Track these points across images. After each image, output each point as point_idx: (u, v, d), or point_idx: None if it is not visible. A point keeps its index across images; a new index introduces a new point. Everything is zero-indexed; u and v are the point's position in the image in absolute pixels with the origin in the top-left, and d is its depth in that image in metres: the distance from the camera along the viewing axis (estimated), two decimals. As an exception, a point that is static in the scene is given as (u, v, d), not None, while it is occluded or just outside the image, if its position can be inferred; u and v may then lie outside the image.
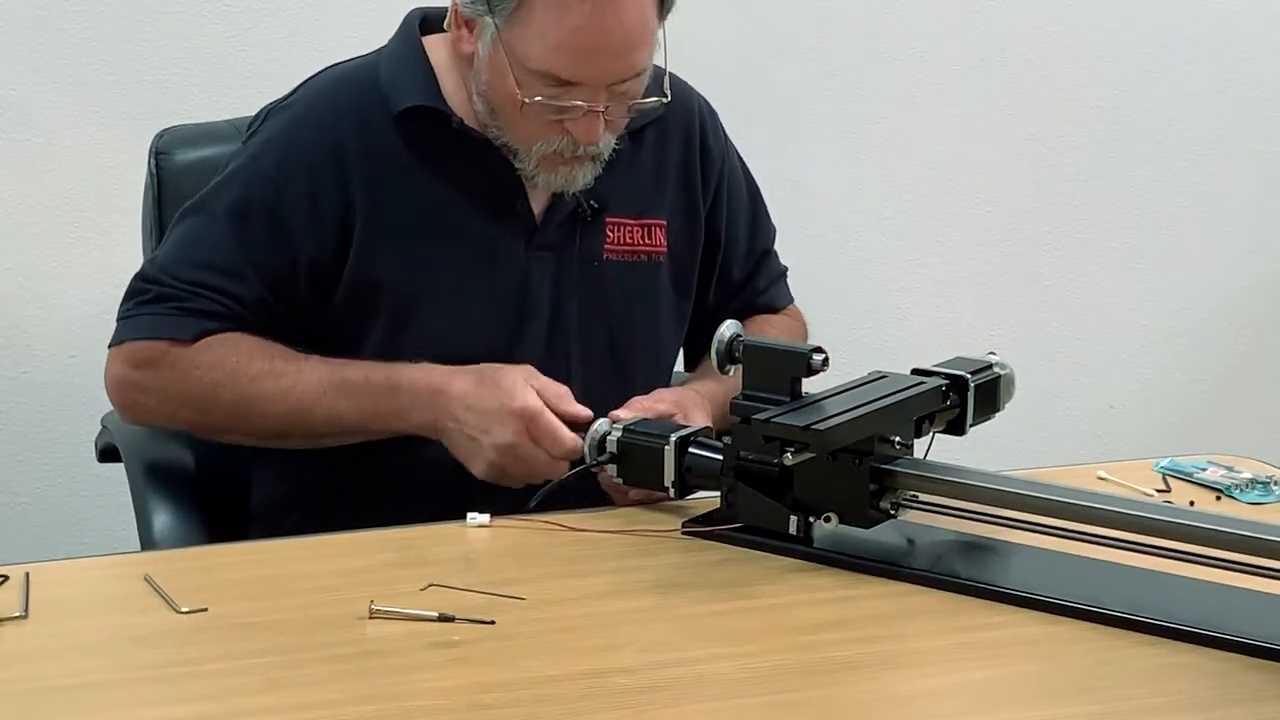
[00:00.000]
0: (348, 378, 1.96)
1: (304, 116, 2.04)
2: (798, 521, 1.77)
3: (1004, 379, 1.92)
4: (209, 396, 1.97)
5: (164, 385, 1.99)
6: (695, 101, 2.18)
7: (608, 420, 1.88)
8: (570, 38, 1.90)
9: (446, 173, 2.02)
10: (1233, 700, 1.49)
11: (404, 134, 2.01)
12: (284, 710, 1.46)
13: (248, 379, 1.97)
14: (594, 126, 1.95)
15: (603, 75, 1.93)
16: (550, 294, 2.06)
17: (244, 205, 2.01)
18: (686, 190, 2.15)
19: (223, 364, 1.97)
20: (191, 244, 2.02)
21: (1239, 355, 3.54)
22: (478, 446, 1.90)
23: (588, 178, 2.01)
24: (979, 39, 3.28)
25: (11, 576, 1.70)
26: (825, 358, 1.80)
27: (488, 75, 1.97)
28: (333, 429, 1.98)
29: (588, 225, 2.07)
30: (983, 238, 3.35)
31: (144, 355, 2.00)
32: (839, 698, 1.51)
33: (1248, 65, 3.41)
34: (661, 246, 2.12)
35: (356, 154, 2.00)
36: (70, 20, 2.80)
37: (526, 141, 1.98)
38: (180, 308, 1.99)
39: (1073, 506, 1.70)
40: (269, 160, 2.02)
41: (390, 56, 2.07)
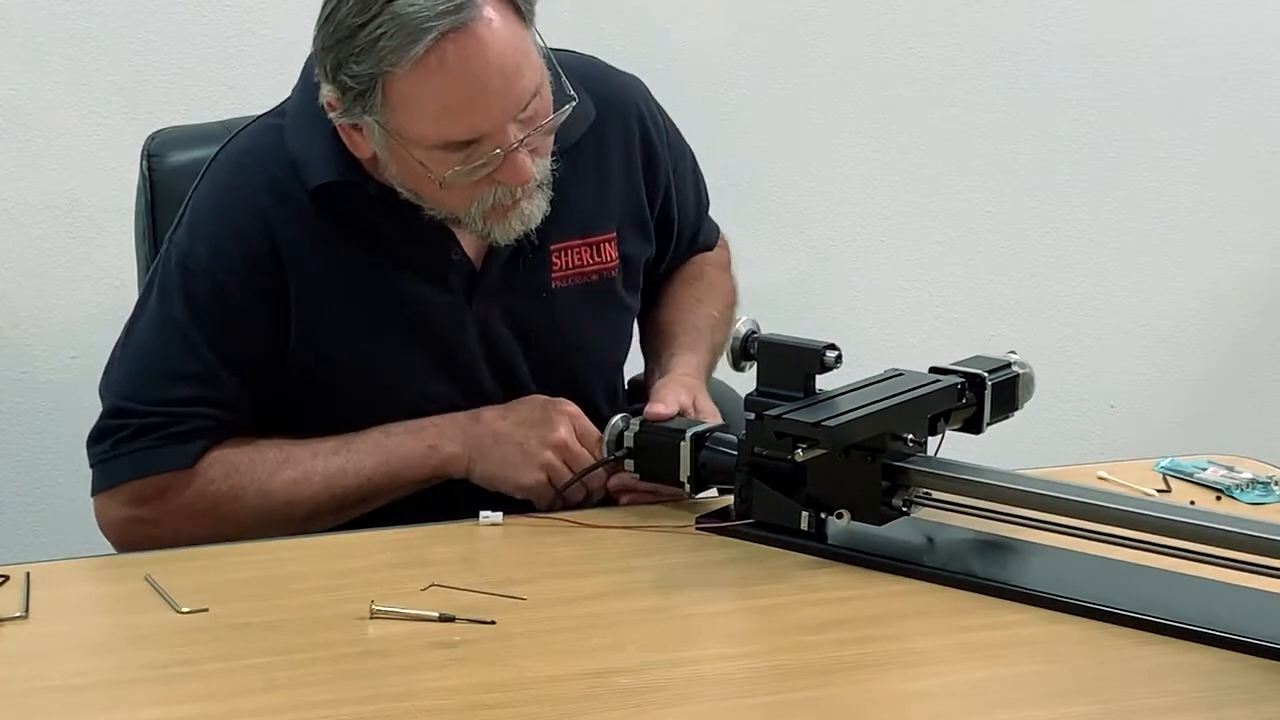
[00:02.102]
0: (366, 436, 1.93)
1: (223, 203, 1.95)
2: (810, 518, 1.78)
3: (1023, 378, 1.92)
4: (232, 505, 1.91)
5: (177, 511, 1.91)
6: (631, 95, 2.10)
7: (624, 416, 1.89)
8: (447, 99, 1.81)
9: (372, 237, 1.94)
10: (1234, 700, 1.49)
11: (322, 205, 1.92)
12: (284, 710, 1.46)
13: (266, 474, 1.91)
14: (521, 165, 1.85)
15: (499, 116, 1.83)
16: (500, 337, 2.00)
17: (192, 304, 1.92)
18: (632, 193, 2.08)
19: (237, 470, 1.91)
20: (151, 360, 1.94)
21: (1239, 355, 3.53)
22: (525, 451, 1.89)
23: (543, 206, 1.92)
24: (979, 39, 3.27)
25: (11, 576, 1.70)
26: (839, 354, 1.80)
27: (396, 168, 1.88)
28: (362, 492, 1.92)
29: (530, 260, 1.99)
30: (983, 238, 3.35)
31: (146, 492, 1.92)
32: (839, 698, 1.51)
33: (1248, 65, 3.41)
34: (612, 260, 2.05)
35: (281, 229, 1.92)
36: (70, 20, 2.80)
37: (463, 208, 1.89)
38: (168, 434, 1.91)
39: (1082, 505, 1.70)
40: (202, 253, 1.93)
41: (293, 121, 1.96)
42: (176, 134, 2.26)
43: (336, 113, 1.88)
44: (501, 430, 1.91)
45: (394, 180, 1.91)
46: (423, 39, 1.78)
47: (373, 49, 1.80)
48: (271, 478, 1.91)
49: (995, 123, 3.31)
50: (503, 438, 1.90)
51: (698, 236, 2.22)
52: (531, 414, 1.92)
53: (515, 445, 1.90)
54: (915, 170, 3.29)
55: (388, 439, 1.93)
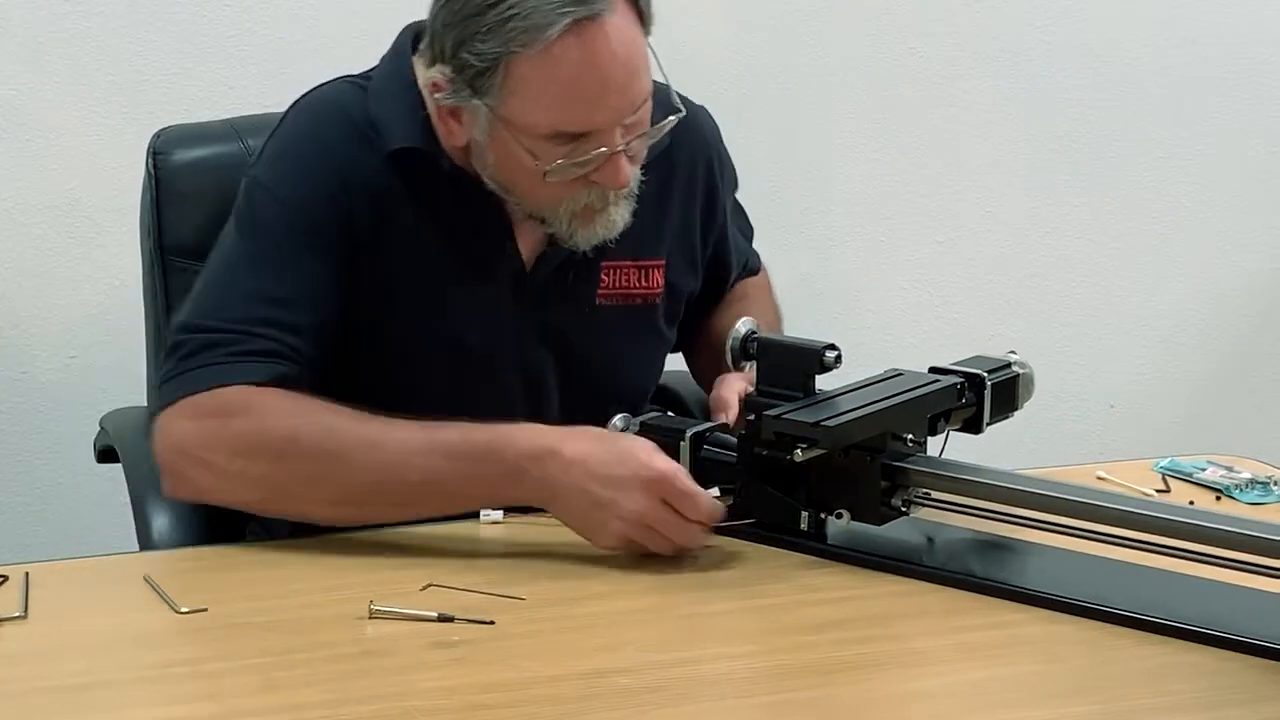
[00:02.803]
0: (445, 437, 1.78)
1: (310, 136, 1.94)
2: (810, 517, 1.78)
3: (1023, 378, 1.92)
4: (287, 444, 1.78)
5: (234, 435, 1.79)
6: (704, 132, 2.10)
7: (624, 417, 1.89)
8: (571, 89, 1.81)
9: (436, 214, 1.93)
10: (1234, 700, 1.49)
11: (397, 171, 1.91)
12: (284, 710, 1.46)
13: (328, 426, 1.78)
14: (623, 168, 1.86)
15: (614, 114, 1.83)
16: (536, 343, 1.99)
17: (270, 233, 1.90)
18: (687, 225, 2.08)
19: (301, 410, 1.80)
20: (226, 283, 1.89)
21: (1239, 355, 3.53)
22: (605, 516, 1.74)
23: (626, 217, 1.92)
24: (979, 39, 3.27)
25: (11, 576, 1.70)
26: (838, 354, 1.80)
27: (494, 157, 1.87)
28: (426, 492, 1.78)
29: (579, 272, 1.98)
30: (983, 238, 3.35)
31: (210, 406, 1.80)
32: (839, 698, 1.51)
33: (1248, 65, 3.41)
34: (658, 288, 2.04)
35: (360, 180, 1.91)
36: (70, 20, 2.80)
37: (553, 205, 1.88)
38: (239, 351, 1.83)
39: (1082, 505, 1.70)
40: (283, 186, 1.91)
41: (380, 86, 1.96)
42: (181, 132, 2.26)
43: (443, 94, 1.86)
44: (581, 481, 1.75)
45: (486, 169, 1.90)
46: (557, 23, 1.78)
47: (501, 28, 1.79)
48: (334, 434, 1.78)
49: (995, 123, 3.31)
50: (582, 493, 1.75)
51: (747, 264, 2.23)
52: (618, 472, 1.75)
53: (593, 504, 1.74)
54: (915, 170, 3.29)
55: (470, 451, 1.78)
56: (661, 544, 1.75)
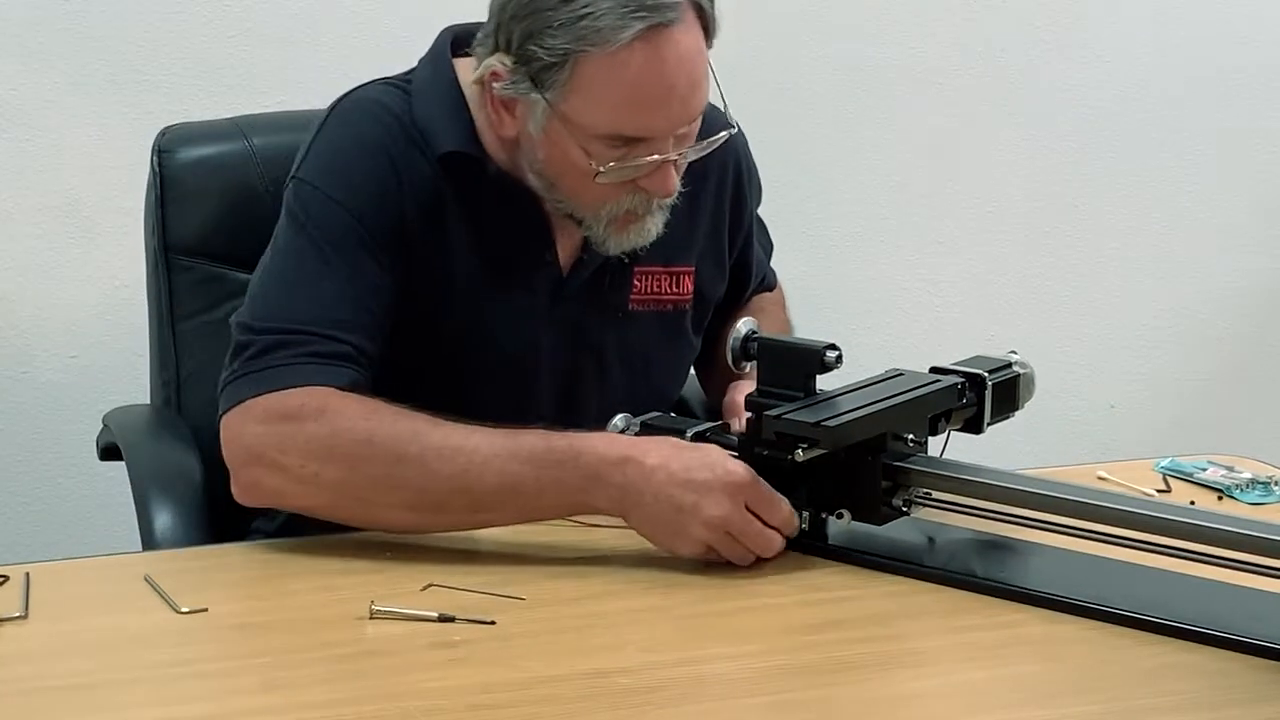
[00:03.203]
0: (526, 442, 1.75)
1: (358, 135, 1.93)
2: (810, 517, 1.78)
3: (1023, 378, 1.92)
4: (363, 447, 1.75)
5: (307, 439, 1.76)
6: (737, 151, 2.10)
7: (624, 417, 1.89)
8: (635, 92, 1.81)
9: (480, 219, 1.93)
10: (1234, 700, 1.49)
11: (445, 174, 1.92)
12: (284, 710, 1.46)
13: (410, 431, 1.76)
14: (670, 178, 1.86)
15: (673, 122, 1.84)
16: (569, 347, 1.99)
17: (326, 234, 1.88)
18: (717, 233, 2.09)
19: (376, 414, 1.77)
20: (286, 284, 1.88)
21: (1239, 355, 3.54)
22: (686, 521, 1.72)
23: (659, 227, 1.92)
24: (980, 39, 3.28)
25: (11, 576, 1.70)
26: (839, 354, 1.80)
27: (545, 153, 1.87)
28: (504, 497, 1.75)
29: (614, 277, 2.00)
30: (983, 238, 3.35)
31: (281, 409, 1.78)
32: (839, 698, 1.51)
33: (1248, 65, 3.41)
34: (688, 294, 2.06)
35: (409, 185, 1.91)
36: (70, 20, 2.80)
37: (595, 208, 1.89)
38: (309, 352, 1.81)
39: (1082, 505, 1.70)
40: (334, 186, 1.90)
41: (423, 89, 1.95)
42: (186, 130, 2.26)
43: (502, 84, 1.86)
44: (662, 488, 1.72)
45: (533, 165, 1.90)
46: (630, 27, 1.78)
47: (574, 25, 1.79)
48: (414, 437, 1.75)
49: (995, 122, 3.31)
50: (664, 499, 1.72)
51: (764, 279, 2.24)
52: (700, 476, 1.73)
53: (675, 510, 1.72)
54: (915, 170, 3.29)
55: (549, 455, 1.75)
56: (740, 552, 1.74)
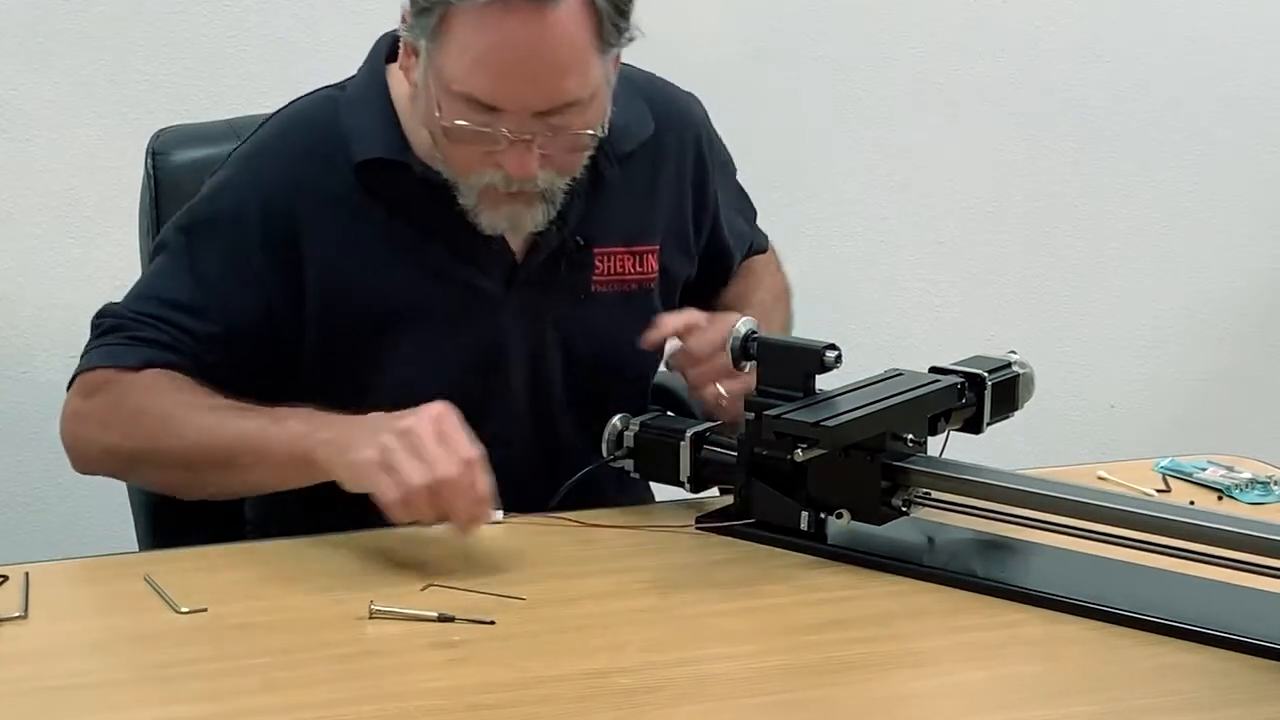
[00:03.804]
0: (263, 407, 1.85)
1: (261, 155, 1.98)
2: (810, 517, 1.78)
3: (1023, 378, 1.92)
4: (134, 420, 1.89)
5: (101, 410, 1.91)
6: (691, 117, 2.10)
7: (624, 416, 1.89)
8: (487, 55, 1.81)
9: (414, 218, 1.95)
10: (1234, 700, 1.49)
11: (366, 181, 1.93)
12: (284, 710, 1.46)
13: (173, 403, 1.88)
14: (524, 159, 1.84)
15: (524, 100, 1.82)
16: (532, 333, 1.99)
17: (198, 241, 1.96)
18: (679, 211, 2.09)
19: (157, 386, 1.90)
20: (153, 280, 1.99)
21: (1239, 355, 3.53)
22: (378, 434, 1.72)
23: (537, 219, 1.91)
24: (979, 39, 3.28)
25: (11, 576, 1.70)
26: (838, 354, 1.80)
27: (424, 101, 1.88)
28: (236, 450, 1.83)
29: (574, 259, 1.99)
30: (983, 238, 3.35)
31: (90, 384, 1.93)
32: (839, 698, 1.51)
33: (1248, 63, 3.41)
34: (653, 272, 2.05)
35: (313, 197, 1.93)
36: (70, 20, 2.80)
37: (463, 173, 1.89)
38: (129, 336, 1.93)
39: (1082, 505, 1.70)
40: (226, 197, 1.96)
41: (352, 96, 1.98)
42: (181, 133, 2.26)
43: (405, 26, 1.89)
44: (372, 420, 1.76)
45: (419, 115, 1.91)
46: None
47: None
48: (177, 407, 1.88)
49: (995, 122, 3.31)
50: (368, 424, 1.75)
51: (751, 245, 2.23)
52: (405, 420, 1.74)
53: (373, 432, 1.73)
54: (915, 170, 3.29)
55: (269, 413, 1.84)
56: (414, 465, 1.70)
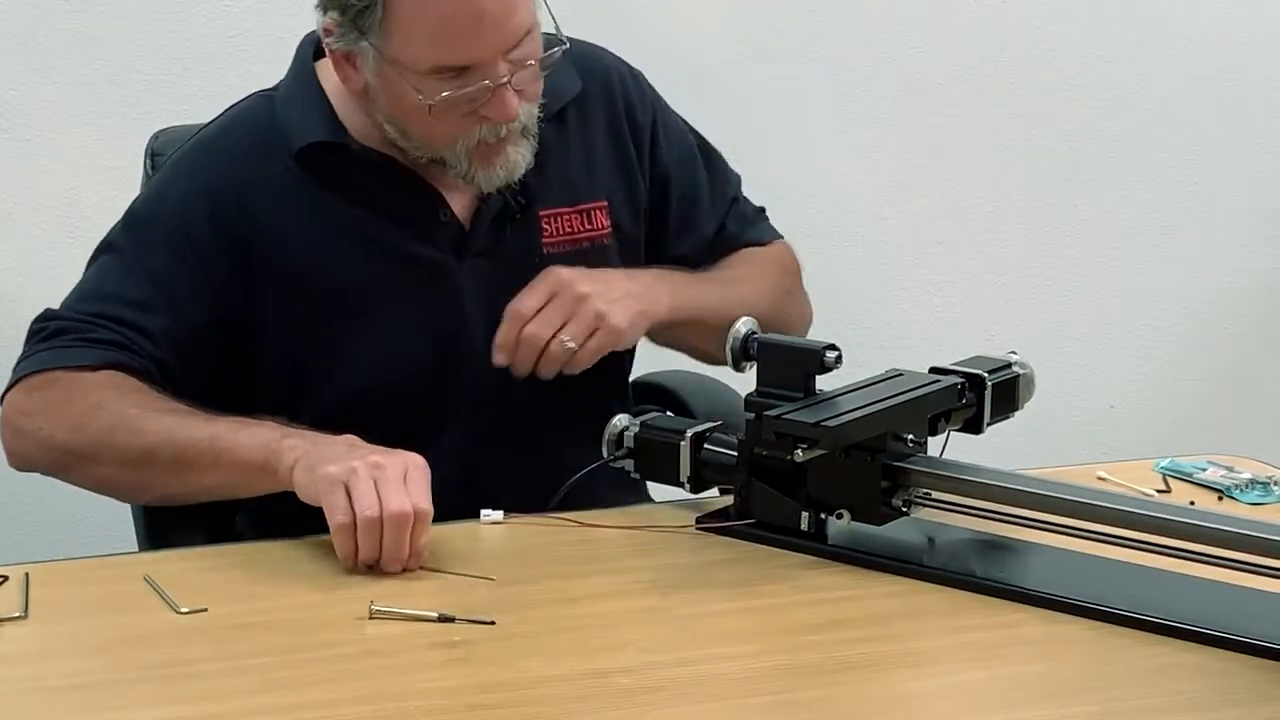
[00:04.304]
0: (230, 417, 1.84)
1: (204, 154, 2.01)
2: (810, 518, 1.78)
3: (1023, 378, 1.92)
4: (91, 410, 1.87)
5: (50, 404, 1.90)
6: (611, 68, 2.12)
7: (625, 416, 1.89)
8: (446, 22, 1.85)
9: (359, 199, 1.97)
10: (1234, 700, 1.49)
11: (308, 169, 1.96)
12: (284, 710, 1.46)
13: (133, 404, 1.87)
14: (508, 101, 1.89)
15: (493, 46, 1.86)
16: (489, 299, 2.00)
17: (143, 241, 1.97)
18: (622, 162, 2.10)
19: (114, 385, 1.88)
20: (95, 280, 1.98)
21: (1239, 355, 3.53)
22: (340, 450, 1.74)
23: (527, 157, 1.95)
24: (979, 39, 3.27)
25: (11, 576, 1.70)
26: (838, 354, 1.80)
27: (386, 99, 1.92)
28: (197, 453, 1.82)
29: (518, 222, 2.01)
30: (983, 238, 3.35)
31: (37, 382, 1.92)
32: (839, 698, 1.51)
33: (1248, 64, 3.41)
34: (605, 228, 2.07)
35: (259, 190, 1.96)
36: (70, 20, 2.80)
37: (449, 144, 1.92)
38: (80, 338, 1.92)
39: (1082, 505, 1.70)
40: (172, 196, 1.99)
41: (285, 91, 2.02)
42: (179, 134, 2.25)
43: (333, 38, 1.91)
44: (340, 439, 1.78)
45: (384, 115, 1.94)
46: None
47: None
48: (135, 410, 1.86)
49: (995, 123, 3.31)
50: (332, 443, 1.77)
51: (727, 228, 2.19)
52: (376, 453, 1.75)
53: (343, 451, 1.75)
54: (915, 170, 3.29)
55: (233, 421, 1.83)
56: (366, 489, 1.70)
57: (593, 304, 1.92)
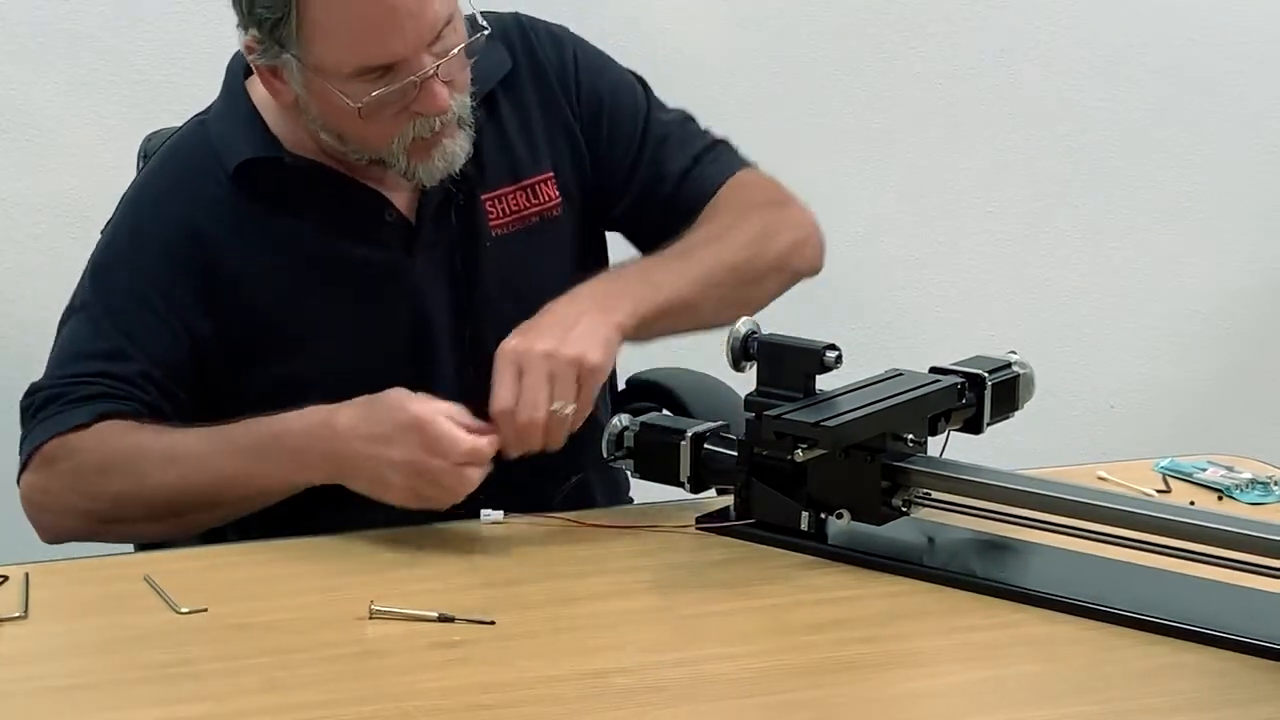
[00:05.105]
0: (231, 436, 1.85)
1: (145, 197, 2.01)
2: (810, 518, 1.78)
3: (1023, 378, 1.92)
4: (100, 474, 1.88)
5: (60, 479, 1.90)
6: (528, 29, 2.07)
7: (625, 415, 1.89)
8: (361, 23, 1.83)
9: (302, 210, 1.97)
10: (1233, 700, 1.49)
11: (246, 187, 1.96)
12: (283, 710, 1.46)
13: (132, 447, 1.87)
14: (437, 93, 1.87)
15: (413, 41, 1.84)
16: (447, 291, 2.00)
17: (105, 289, 1.97)
18: (561, 124, 2.06)
19: (109, 441, 1.88)
20: (68, 344, 1.98)
21: (1239, 355, 3.53)
22: (383, 471, 1.77)
23: (466, 146, 1.94)
24: (979, 39, 3.28)
25: (11, 576, 1.70)
26: (839, 354, 1.80)
27: (317, 108, 1.91)
28: (225, 493, 1.85)
29: (463, 209, 2.00)
30: (983, 238, 3.35)
31: (45, 457, 1.91)
32: (839, 698, 1.51)
33: (1248, 64, 3.41)
34: (553, 199, 2.05)
35: (203, 217, 1.95)
36: (70, 20, 2.80)
37: (385, 144, 1.91)
38: (67, 401, 1.92)
39: (1082, 505, 1.70)
40: (122, 242, 1.99)
41: (217, 112, 2.03)
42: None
43: (255, 54, 1.91)
44: (357, 450, 1.78)
45: (316, 124, 1.93)
46: None
47: None
48: (138, 457, 1.87)
49: (994, 123, 3.31)
50: (357, 456, 1.78)
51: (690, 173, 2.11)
52: (378, 427, 1.78)
53: (367, 462, 1.78)
54: (914, 170, 3.29)
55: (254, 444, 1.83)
56: (438, 493, 1.76)
57: (561, 355, 1.81)
